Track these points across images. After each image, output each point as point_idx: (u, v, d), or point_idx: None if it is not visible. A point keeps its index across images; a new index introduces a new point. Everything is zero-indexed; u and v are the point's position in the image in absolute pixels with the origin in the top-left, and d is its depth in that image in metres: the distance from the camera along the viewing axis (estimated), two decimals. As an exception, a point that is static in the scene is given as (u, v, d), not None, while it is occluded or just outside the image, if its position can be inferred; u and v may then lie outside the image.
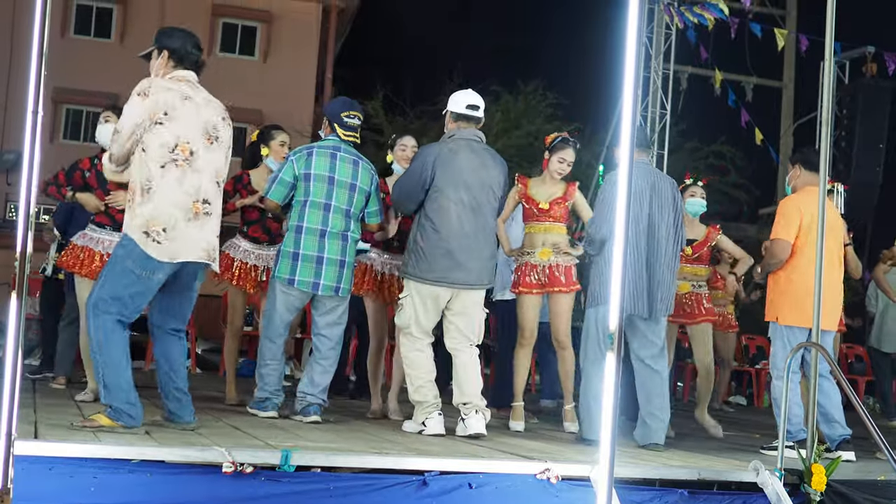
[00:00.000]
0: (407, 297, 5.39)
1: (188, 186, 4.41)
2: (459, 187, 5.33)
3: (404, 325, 5.41)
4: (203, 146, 4.49)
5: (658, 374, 5.50)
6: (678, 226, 5.61)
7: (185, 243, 4.41)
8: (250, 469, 3.71)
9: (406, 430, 5.35)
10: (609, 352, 3.16)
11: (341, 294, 5.56)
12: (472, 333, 5.43)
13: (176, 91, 4.45)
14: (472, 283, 5.37)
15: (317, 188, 5.48)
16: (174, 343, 4.66)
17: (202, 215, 4.46)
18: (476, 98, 5.54)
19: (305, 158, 5.53)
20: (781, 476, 4.40)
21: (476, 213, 5.37)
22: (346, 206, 5.54)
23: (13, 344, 3.13)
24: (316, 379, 5.55)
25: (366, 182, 5.63)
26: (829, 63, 5.17)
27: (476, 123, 5.53)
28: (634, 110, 3.36)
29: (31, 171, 3.20)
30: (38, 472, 3.48)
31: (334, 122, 5.64)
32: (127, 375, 4.35)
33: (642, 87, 13.88)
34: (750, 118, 15.25)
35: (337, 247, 5.51)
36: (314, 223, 5.47)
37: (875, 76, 15.09)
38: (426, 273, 5.30)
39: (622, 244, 3.33)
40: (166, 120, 4.38)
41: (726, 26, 13.99)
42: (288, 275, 5.46)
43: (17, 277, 3.15)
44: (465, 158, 5.38)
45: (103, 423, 4.27)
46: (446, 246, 5.29)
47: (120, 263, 4.38)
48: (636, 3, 3.46)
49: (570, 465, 4.17)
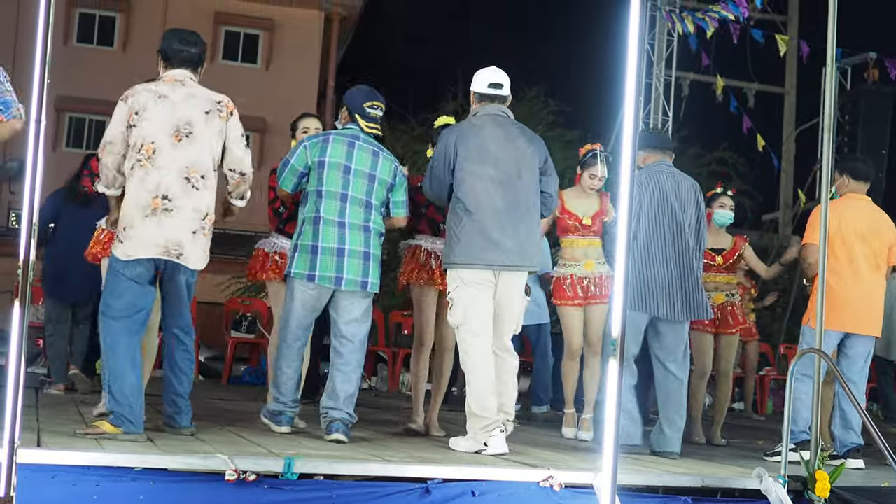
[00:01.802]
0: (455, 289, 4.96)
1: (148, 183, 4.47)
2: (485, 162, 4.97)
3: (459, 322, 4.95)
4: (169, 143, 4.51)
5: (680, 382, 5.47)
6: (700, 227, 5.62)
7: (141, 240, 4.46)
8: (253, 477, 3.71)
9: (458, 448, 4.85)
10: (611, 357, 3.14)
11: (369, 289, 5.01)
12: (511, 325, 5.06)
13: (152, 92, 4.55)
14: (510, 264, 4.95)
15: (331, 177, 4.99)
16: (178, 348, 4.70)
17: (161, 211, 4.47)
18: (500, 76, 5.21)
19: (320, 145, 5.06)
20: (785, 483, 4.39)
21: (506, 187, 4.97)
22: (365, 197, 5.03)
23: (16, 352, 3.13)
24: (338, 389, 4.93)
25: (387, 173, 5.13)
26: (830, 69, 5.17)
27: (501, 101, 5.18)
28: (636, 117, 3.36)
29: (34, 180, 3.21)
30: (40, 480, 3.48)
31: (356, 113, 5.15)
32: (131, 381, 4.37)
33: (644, 94, 13.90)
34: (752, 124, 15.25)
35: (359, 238, 4.98)
36: (331, 214, 4.96)
37: (877, 82, 15.07)
38: (462, 257, 4.92)
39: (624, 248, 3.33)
40: (138, 121, 4.49)
41: (728, 33, 13.99)
42: (307, 270, 4.93)
43: (19, 285, 3.15)
44: (490, 132, 5.04)
45: (106, 430, 4.29)
46: (479, 224, 4.91)
47: (110, 269, 4.56)
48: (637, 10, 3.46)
49: (573, 473, 4.17)
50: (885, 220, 5.90)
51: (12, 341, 3.15)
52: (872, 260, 5.75)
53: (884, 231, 5.85)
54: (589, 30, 15.87)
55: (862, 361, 5.74)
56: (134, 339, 4.46)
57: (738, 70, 16.09)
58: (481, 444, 4.79)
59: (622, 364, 3.44)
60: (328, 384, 4.99)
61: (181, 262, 4.55)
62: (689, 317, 5.49)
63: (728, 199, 6.96)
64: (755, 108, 16.17)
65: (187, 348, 4.71)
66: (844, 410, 5.55)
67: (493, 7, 27.03)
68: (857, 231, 5.75)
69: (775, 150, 16.37)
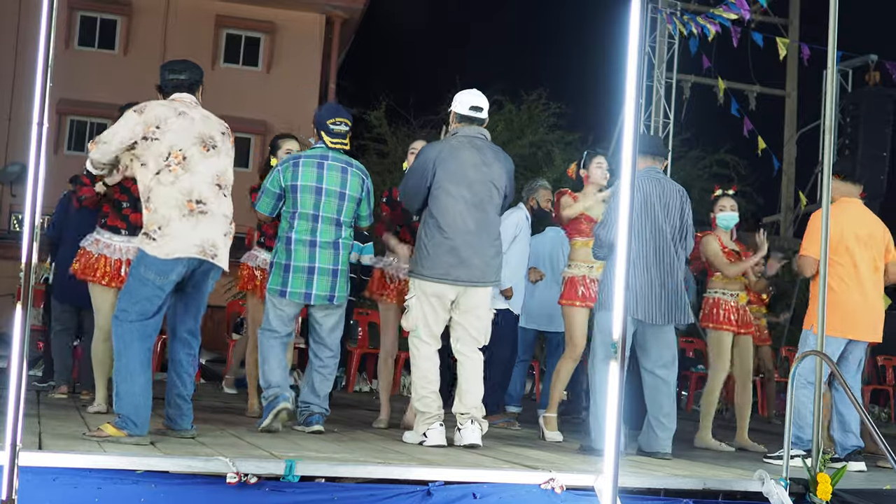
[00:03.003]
0: (413, 297, 5.35)
1: (181, 186, 4.55)
2: (461, 184, 5.28)
3: (412, 327, 5.35)
4: (198, 152, 4.62)
5: (666, 383, 5.50)
6: (686, 233, 5.62)
7: (180, 240, 4.52)
8: (254, 479, 3.71)
9: (406, 440, 5.29)
10: (612, 360, 3.14)
11: (336, 302, 5.50)
12: (480, 334, 5.37)
13: (170, 107, 4.65)
14: (477, 281, 5.30)
15: (304, 199, 5.41)
16: (184, 350, 4.75)
17: (197, 213, 4.56)
18: (480, 99, 5.48)
19: (292, 170, 5.46)
20: (787, 485, 4.38)
21: (479, 209, 5.31)
22: (336, 216, 5.46)
23: (18, 355, 3.13)
24: (317, 387, 5.50)
25: (355, 189, 5.54)
26: (831, 72, 5.18)
27: (479, 124, 5.47)
28: (637, 119, 3.37)
29: (37, 183, 3.21)
30: (42, 482, 3.49)
31: (321, 130, 5.57)
32: (140, 384, 4.41)
33: (645, 96, 13.91)
34: (753, 127, 15.26)
35: (329, 256, 5.44)
36: (303, 234, 5.40)
37: (878, 85, 15.09)
38: (430, 270, 5.26)
39: (625, 253, 3.34)
40: (159, 133, 4.55)
41: (728, 35, 14.01)
42: (280, 286, 5.40)
43: (21, 288, 3.16)
44: (468, 155, 5.33)
45: (110, 433, 4.31)
46: (450, 243, 5.25)
47: (136, 271, 4.57)
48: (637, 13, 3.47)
49: (575, 475, 4.16)
50: (877, 222, 5.96)
51: (14, 344, 3.15)
52: (872, 263, 5.78)
53: (879, 233, 5.89)
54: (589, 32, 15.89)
55: (856, 365, 5.77)
56: (146, 343, 4.50)
57: (739, 73, 16.11)
58: (422, 435, 5.20)
59: (623, 367, 3.44)
60: (307, 382, 5.55)
61: (216, 262, 4.65)
62: (668, 321, 5.50)
63: (728, 199, 6.90)
64: (756, 111, 16.19)
65: (193, 351, 4.79)
66: (842, 414, 5.56)
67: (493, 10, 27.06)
68: (858, 236, 5.76)
69: (776, 153, 16.38)
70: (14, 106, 17.64)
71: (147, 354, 4.51)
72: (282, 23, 20.85)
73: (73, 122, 19.89)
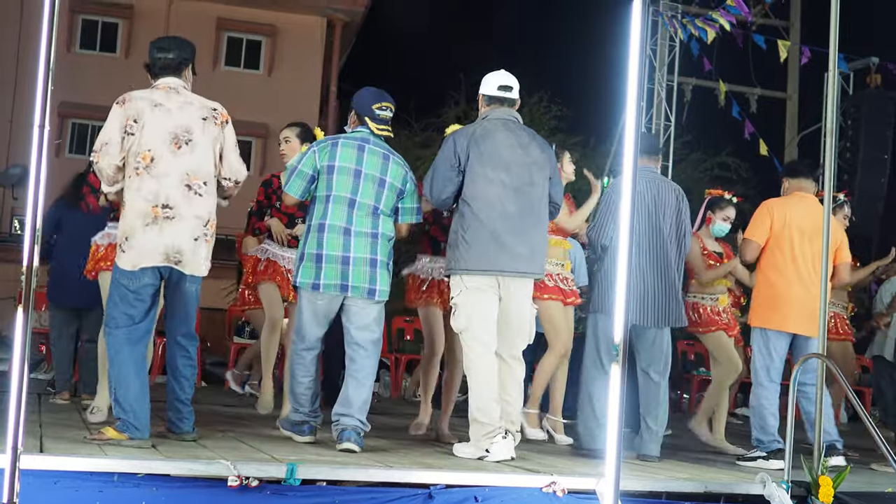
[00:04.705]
0: (459, 295, 4.89)
1: (146, 192, 4.47)
2: (498, 167, 4.90)
3: (462, 328, 4.89)
4: (168, 151, 4.52)
5: (656, 385, 5.48)
6: (682, 234, 5.59)
7: (143, 250, 4.47)
8: (256, 483, 3.71)
9: (461, 454, 4.83)
10: (614, 363, 3.14)
11: (377, 297, 4.89)
12: (522, 334, 4.96)
13: (147, 100, 4.55)
14: (523, 271, 4.90)
15: (341, 181, 4.86)
16: (181, 354, 4.72)
17: (162, 220, 4.47)
18: (509, 78, 5.16)
19: (329, 149, 4.92)
20: (788, 488, 4.38)
21: (519, 193, 4.92)
22: (374, 203, 4.90)
23: (19, 358, 3.13)
24: (351, 396, 4.82)
25: (397, 178, 4.99)
26: (833, 74, 5.17)
27: (510, 105, 5.13)
28: (639, 122, 3.37)
29: (38, 186, 3.21)
30: (43, 486, 3.49)
31: (365, 115, 5.02)
32: (135, 388, 4.41)
33: (646, 99, 13.90)
34: (754, 129, 15.25)
35: (366, 245, 4.85)
36: (338, 220, 4.83)
37: (879, 87, 15.09)
38: (474, 263, 4.84)
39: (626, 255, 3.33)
40: (136, 129, 4.48)
41: (730, 37, 14.00)
42: (312, 279, 4.83)
43: (23, 292, 3.16)
44: (502, 137, 4.97)
45: (111, 436, 4.32)
46: (490, 230, 4.84)
47: (113, 281, 4.56)
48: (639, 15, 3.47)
49: (576, 479, 4.16)
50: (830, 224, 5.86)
51: (15, 347, 3.15)
52: (813, 259, 5.65)
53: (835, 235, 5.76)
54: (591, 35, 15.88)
55: None
56: (137, 347, 4.49)
57: (740, 75, 16.09)
58: (483, 450, 4.76)
59: (624, 369, 3.44)
60: (342, 391, 4.90)
61: (180, 268, 4.55)
62: (662, 324, 5.47)
63: (733, 209, 6.96)
64: (757, 113, 16.17)
65: (189, 355, 4.74)
66: (808, 412, 5.45)
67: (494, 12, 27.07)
68: (802, 229, 5.70)
69: (777, 156, 16.37)
70: (16, 109, 17.64)
71: (139, 359, 4.50)
72: (283, 26, 20.86)
73: (74, 125, 19.89)
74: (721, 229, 6.92)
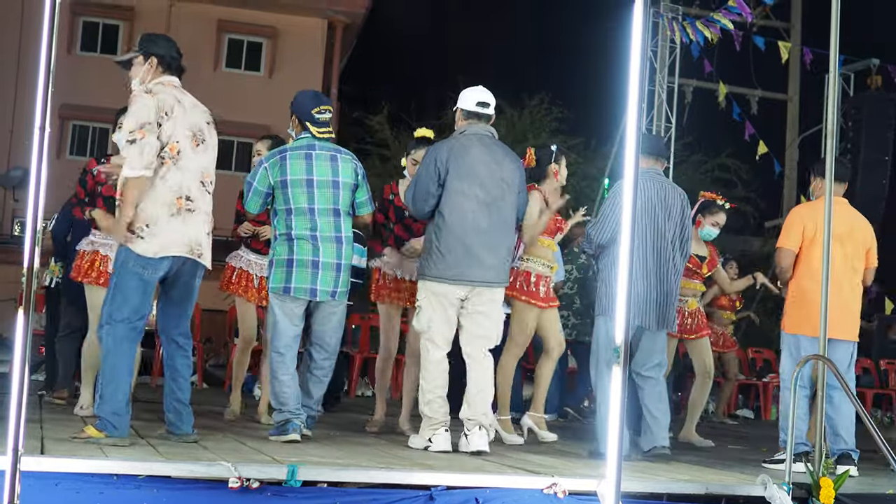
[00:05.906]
0: (424, 299, 5.23)
1: (171, 183, 4.51)
2: (473, 183, 5.18)
3: (423, 329, 5.23)
4: (190, 147, 4.59)
5: (654, 380, 5.50)
6: (685, 238, 5.60)
7: (170, 238, 4.49)
8: (256, 484, 3.71)
9: (412, 445, 5.22)
10: (615, 365, 3.14)
11: (338, 298, 5.24)
12: (491, 334, 5.28)
13: (171, 95, 4.58)
14: (491, 281, 5.21)
15: (296, 194, 5.14)
16: (178, 355, 4.75)
17: (184, 211, 4.54)
18: (486, 95, 5.40)
19: (280, 164, 5.17)
20: (789, 490, 4.38)
21: (491, 208, 5.21)
22: (332, 206, 5.20)
23: (20, 360, 3.13)
24: (312, 390, 5.31)
25: (348, 175, 5.26)
26: (833, 76, 5.17)
27: (486, 121, 5.39)
28: (640, 123, 3.37)
29: (39, 188, 3.21)
30: (44, 487, 3.49)
31: (306, 121, 5.26)
32: (124, 387, 4.43)
33: (647, 101, 13.91)
34: (754, 131, 15.25)
35: (332, 250, 5.17)
36: (303, 229, 5.13)
37: (880, 88, 15.10)
38: (443, 272, 5.14)
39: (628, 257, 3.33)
40: (166, 120, 4.48)
41: (730, 39, 14.00)
42: (283, 283, 5.13)
43: (24, 293, 3.16)
44: (478, 153, 5.24)
45: (91, 435, 4.34)
46: (462, 242, 5.14)
47: (122, 269, 4.50)
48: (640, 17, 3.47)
49: (577, 480, 4.16)
50: (861, 221, 5.85)
51: (16, 349, 3.15)
52: (848, 262, 5.65)
53: (860, 233, 5.78)
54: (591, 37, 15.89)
55: (844, 367, 5.56)
56: (133, 346, 4.53)
57: (740, 77, 16.11)
58: (427, 440, 5.14)
59: (626, 371, 3.44)
60: (301, 385, 5.30)
61: (202, 261, 4.64)
62: (661, 327, 5.49)
63: (723, 215, 7.09)
64: (758, 115, 16.19)
65: (187, 354, 4.80)
66: (831, 417, 5.43)
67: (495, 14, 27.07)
68: (834, 233, 5.70)
69: (778, 157, 16.38)
70: (17, 110, 17.66)
71: (132, 357, 4.53)
72: (284, 28, 20.89)
73: (75, 127, 19.92)
74: (709, 233, 7.08)
